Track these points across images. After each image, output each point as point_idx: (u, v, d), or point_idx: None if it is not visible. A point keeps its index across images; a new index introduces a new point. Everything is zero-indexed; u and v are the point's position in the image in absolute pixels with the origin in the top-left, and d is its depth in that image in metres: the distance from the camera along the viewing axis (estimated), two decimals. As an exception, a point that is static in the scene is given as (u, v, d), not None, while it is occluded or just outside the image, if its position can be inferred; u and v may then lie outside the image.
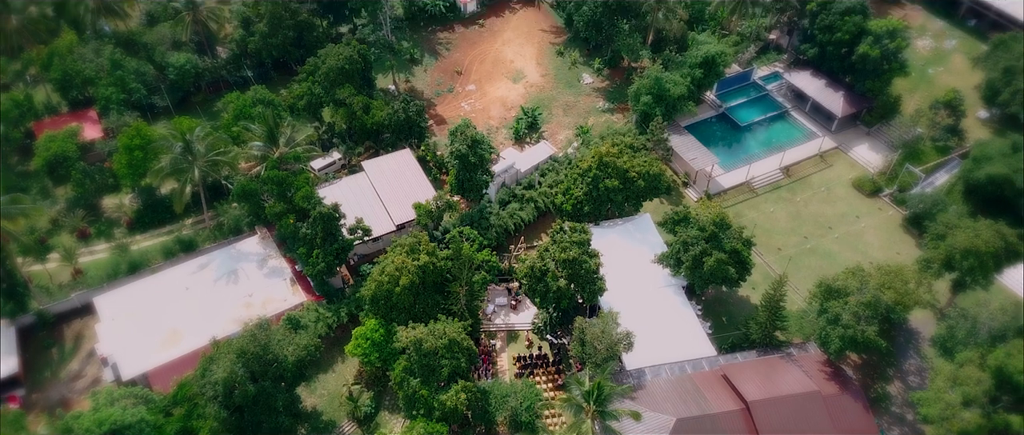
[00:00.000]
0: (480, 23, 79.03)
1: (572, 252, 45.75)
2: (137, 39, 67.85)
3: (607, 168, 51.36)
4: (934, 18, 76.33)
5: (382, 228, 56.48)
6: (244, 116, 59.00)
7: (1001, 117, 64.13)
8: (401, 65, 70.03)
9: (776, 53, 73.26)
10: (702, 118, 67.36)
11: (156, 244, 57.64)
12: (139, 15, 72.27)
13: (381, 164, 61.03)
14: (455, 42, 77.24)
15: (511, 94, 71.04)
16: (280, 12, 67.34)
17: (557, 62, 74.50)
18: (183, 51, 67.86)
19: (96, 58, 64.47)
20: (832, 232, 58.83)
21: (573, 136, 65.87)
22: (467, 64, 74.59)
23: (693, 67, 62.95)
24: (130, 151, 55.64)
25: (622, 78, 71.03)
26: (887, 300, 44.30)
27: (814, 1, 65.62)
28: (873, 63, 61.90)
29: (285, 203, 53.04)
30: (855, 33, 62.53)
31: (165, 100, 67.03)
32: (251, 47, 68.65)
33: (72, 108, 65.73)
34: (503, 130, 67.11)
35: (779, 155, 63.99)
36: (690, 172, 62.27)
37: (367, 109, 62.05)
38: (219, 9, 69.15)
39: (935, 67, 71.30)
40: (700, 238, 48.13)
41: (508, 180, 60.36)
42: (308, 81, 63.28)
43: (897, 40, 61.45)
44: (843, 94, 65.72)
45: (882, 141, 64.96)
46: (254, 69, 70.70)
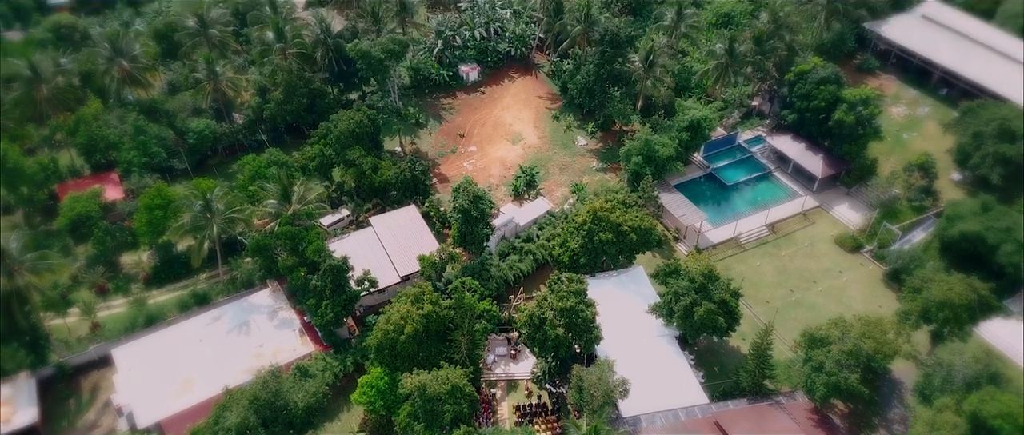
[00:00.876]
0: (481, 90, 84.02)
1: (569, 301, 48.45)
2: (159, 106, 72.09)
3: (601, 222, 54.69)
4: (907, 87, 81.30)
5: (388, 280, 59.24)
6: (260, 176, 62.59)
7: (973, 179, 67.88)
8: (407, 129, 74.36)
9: (759, 118, 78.03)
10: (691, 177, 71.29)
11: (172, 298, 60.16)
12: (161, 84, 76.75)
13: (387, 220, 64.28)
14: (458, 108, 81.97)
15: (510, 155, 75.13)
16: (295, 81, 72.06)
17: (553, 125, 79.00)
18: (202, 117, 72.07)
19: (120, 124, 68.48)
20: (816, 286, 61.75)
21: (569, 193, 69.51)
22: (469, 127, 79.05)
23: (680, 130, 67.33)
24: (151, 210, 58.87)
25: (614, 140, 75.34)
26: (867, 349, 46.86)
27: (792, 71, 70.75)
28: (849, 128, 66.31)
29: (297, 257, 55.92)
30: (831, 101, 67.25)
31: (184, 162, 70.68)
32: (266, 113, 72.94)
33: (94, 171, 69.31)
34: (503, 187, 70.80)
35: (764, 213, 67.58)
36: (680, 228, 65.67)
37: (375, 169, 65.87)
38: (237, 79, 73.74)
39: (909, 132, 75.84)
40: (690, 289, 50.98)
41: (508, 234, 63.58)
42: (320, 143, 67.30)
43: (870, 107, 66.12)
44: (822, 157, 69.90)
45: (861, 201, 68.60)
46: (268, 133, 74.80)
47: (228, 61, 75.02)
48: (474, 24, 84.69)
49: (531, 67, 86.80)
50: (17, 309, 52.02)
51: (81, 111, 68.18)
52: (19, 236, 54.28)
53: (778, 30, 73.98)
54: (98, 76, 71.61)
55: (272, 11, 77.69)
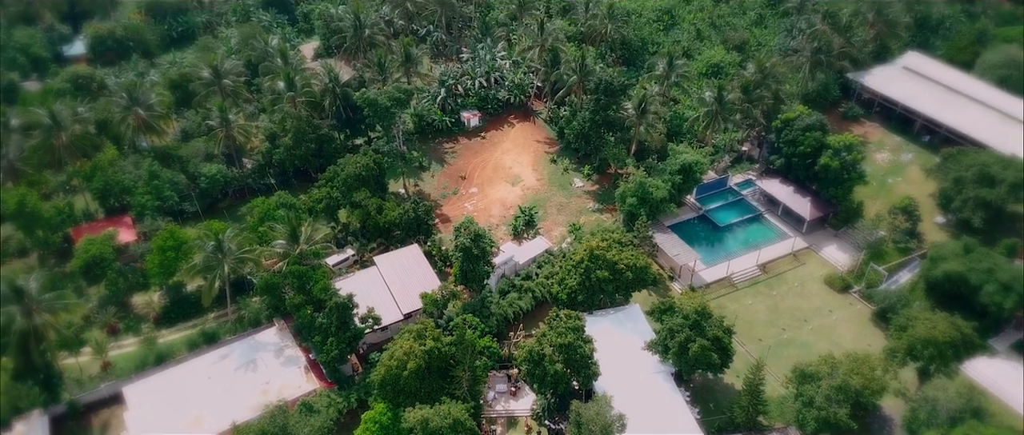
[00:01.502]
0: (482, 135, 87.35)
1: (568, 337, 50.29)
2: (172, 152, 74.86)
3: (598, 260, 56.94)
4: (891, 134, 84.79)
5: (391, 317, 61.03)
6: (268, 218, 64.96)
7: (956, 222, 70.42)
8: (411, 171, 77.28)
9: (749, 162, 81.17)
10: (684, 219, 73.87)
11: (181, 337, 61.82)
12: (175, 131, 79.79)
13: (391, 259, 66.42)
14: (459, 151, 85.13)
15: (510, 196, 77.86)
16: (304, 127, 75.23)
17: (551, 168, 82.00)
18: (214, 162, 74.89)
19: (135, 170, 71.23)
20: (807, 324, 63.63)
21: (567, 232, 71.93)
22: (470, 170, 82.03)
23: (673, 174, 70.26)
24: (163, 251, 60.95)
25: (610, 182, 78.21)
26: (856, 384, 48.61)
27: (778, 119, 74.18)
28: (834, 173, 69.25)
29: (304, 295, 57.82)
30: (816, 146, 70.36)
31: (194, 206, 73.09)
32: (276, 158, 75.83)
33: (108, 215, 71.61)
34: (503, 227, 73.21)
35: (756, 253, 69.92)
36: (675, 267, 67.88)
37: (380, 209, 68.37)
38: (248, 126, 76.82)
39: (894, 177, 78.88)
40: (685, 326, 52.89)
41: (507, 272, 65.68)
42: (327, 186, 69.98)
43: (854, 153, 69.20)
44: (810, 200, 72.65)
45: (849, 242, 70.99)
46: (277, 177, 77.51)
47: (240, 109, 78.27)
48: (475, 74, 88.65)
49: (530, 113, 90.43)
50: (33, 347, 53.64)
51: (98, 158, 70.87)
52: (38, 276, 56.26)
53: (764, 80, 77.78)
54: (114, 124, 74.54)
55: (283, 62, 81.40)
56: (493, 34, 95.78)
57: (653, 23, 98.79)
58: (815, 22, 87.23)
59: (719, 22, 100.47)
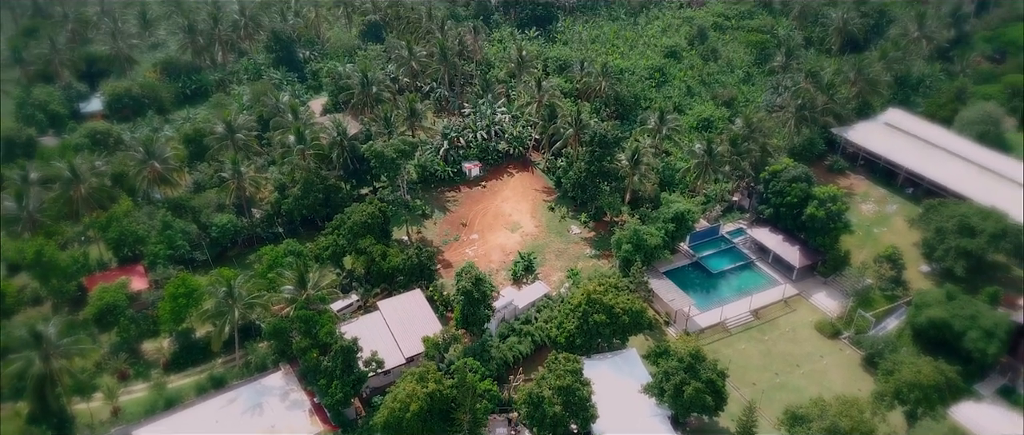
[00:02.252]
0: (483, 184, 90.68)
1: (566, 380, 52.06)
2: (185, 203, 77.61)
3: (595, 304, 59.15)
4: (876, 186, 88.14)
5: (393, 361, 62.67)
6: (277, 265, 67.30)
7: (940, 271, 72.78)
8: (414, 219, 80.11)
9: (739, 212, 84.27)
10: (678, 265, 76.36)
11: (189, 382, 63.29)
12: (187, 183, 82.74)
13: (394, 303, 68.45)
14: (461, 200, 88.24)
15: (509, 242, 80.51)
16: (312, 178, 78.39)
17: (549, 216, 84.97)
18: (225, 212, 77.63)
19: (149, 220, 73.88)
20: (799, 369, 65.35)
21: (565, 278, 74.23)
22: (471, 217, 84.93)
23: (666, 222, 73.17)
24: (175, 299, 62.92)
25: (605, 229, 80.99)
26: (844, 426, 50.16)
27: (766, 171, 77.66)
28: (820, 222, 72.19)
29: (310, 339, 59.70)
30: (802, 197, 73.53)
31: (205, 254, 75.39)
32: (284, 208, 78.62)
33: (121, 263, 73.74)
34: (503, 272, 75.54)
35: (748, 299, 72.13)
36: (670, 312, 69.98)
37: (384, 256, 70.89)
38: (258, 177, 79.95)
39: (879, 227, 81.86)
40: (679, 368, 54.71)
41: (507, 316, 67.68)
42: (334, 234, 72.66)
43: (838, 204, 72.34)
44: (799, 248, 75.35)
45: (837, 290, 73.23)
46: (285, 226, 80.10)
47: (251, 162, 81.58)
48: (476, 127, 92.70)
49: (528, 164, 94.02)
50: (49, 392, 55.07)
51: (113, 209, 73.55)
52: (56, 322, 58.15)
53: (752, 134, 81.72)
54: (130, 177, 77.56)
55: (294, 117, 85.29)
56: (493, 90, 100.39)
57: (645, 80, 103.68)
58: (799, 80, 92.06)
59: (709, 79, 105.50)
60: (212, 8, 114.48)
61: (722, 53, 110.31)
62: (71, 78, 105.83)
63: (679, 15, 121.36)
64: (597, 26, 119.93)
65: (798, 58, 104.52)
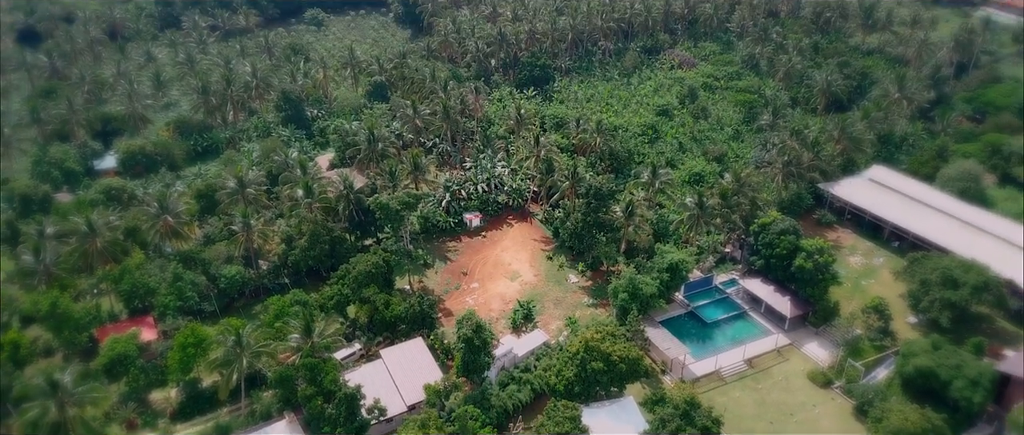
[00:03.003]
0: (483, 234, 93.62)
1: (564, 427, 53.59)
2: (196, 256, 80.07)
3: (593, 352, 61.08)
4: (863, 239, 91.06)
5: (395, 409, 63.97)
6: (283, 315, 69.34)
7: (927, 322, 74.75)
8: (416, 269, 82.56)
9: (732, 263, 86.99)
10: (673, 315, 78.46)
11: (196, 431, 64.39)
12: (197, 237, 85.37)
13: (396, 352, 70.16)
14: (462, 250, 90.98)
15: (509, 291, 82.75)
16: (319, 230, 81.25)
17: (548, 265, 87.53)
18: (234, 264, 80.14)
19: (160, 273, 76.23)
20: (793, 418, 66.67)
21: (563, 326, 76.18)
22: (471, 267, 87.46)
23: (661, 271, 75.73)
24: (184, 348, 64.68)
25: (602, 279, 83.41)
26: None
27: (756, 223, 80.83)
28: (809, 274, 74.75)
29: (315, 386, 61.23)
30: (791, 249, 76.36)
31: (213, 305, 77.29)
32: (291, 259, 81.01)
33: (131, 315, 75.64)
34: (502, 320, 77.51)
35: (742, 348, 73.92)
36: (666, 361, 71.71)
37: (387, 305, 73.05)
38: (266, 230, 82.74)
39: (867, 279, 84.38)
40: (675, 416, 56.29)
41: (507, 364, 69.30)
42: (338, 284, 74.98)
43: (825, 255, 75.16)
44: (790, 298, 77.66)
45: (828, 339, 75.10)
46: (291, 276, 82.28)
47: (260, 215, 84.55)
48: (477, 180, 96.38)
49: (527, 215, 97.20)
50: (62, 441, 56.37)
51: (126, 262, 76.02)
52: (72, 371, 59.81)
53: (741, 188, 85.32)
54: (143, 231, 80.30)
55: (302, 172, 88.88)
56: (493, 145, 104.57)
57: (638, 137, 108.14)
58: (785, 138, 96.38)
59: (699, 136, 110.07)
60: (225, 70, 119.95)
61: (712, 112, 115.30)
62: (86, 137, 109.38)
63: (670, 76, 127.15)
64: (592, 86, 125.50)
65: (785, 117, 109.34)
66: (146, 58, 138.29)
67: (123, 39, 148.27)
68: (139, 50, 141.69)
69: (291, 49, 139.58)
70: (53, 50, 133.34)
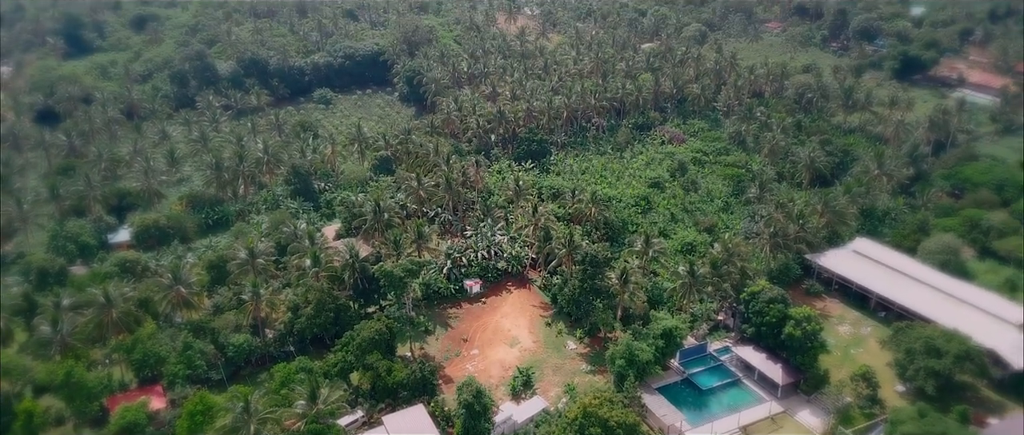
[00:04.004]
0: (483, 301, 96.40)
1: (563, 490, 55.00)
2: (205, 325, 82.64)
3: (591, 418, 62.91)
4: (850, 309, 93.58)
5: (397, 475, 65.11)
6: (289, 382, 71.39)
7: (914, 390, 76.55)
8: (417, 335, 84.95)
9: (725, 331, 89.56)
10: (670, 382, 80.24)
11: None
12: (207, 306, 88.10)
13: (398, 419, 71.65)
14: (462, 316, 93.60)
15: (508, 357, 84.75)
16: (325, 299, 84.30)
17: (546, 331, 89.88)
18: (242, 333, 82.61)
19: (171, 342, 78.62)
20: (790, 485, 67.79)
21: (562, 393, 77.81)
22: (471, 333, 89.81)
23: (656, 338, 78.30)
24: (192, 416, 66.48)
25: (600, 345, 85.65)
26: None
27: (746, 291, 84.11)
28: (798, 341, 77.32)
29: (320, 451, 62.82)
30: (780, 317, 79.29)
31: (220, 374, 79.20)
32: (297, 327, 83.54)
33: (141, 384, 77.51)
34: (502, 387, 79.17)
35: (736, 416, 75.43)
36: (663, 427, 73.17)
37: (390, 371, 75.23)
38: (274, 299, 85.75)
39: (856, 348, 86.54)
40: (670, 480, 57.73)
41: (507, 431, 70.68)
42: (343, 351, 77.32)
43: (812, 324, 78.02)
44: (781, 366, 79.74)
45: (820, 407, 76.70)
46: (296, 344, 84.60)
47: (268, 284, 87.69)
48: (477, 247, 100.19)
49: (526, 282, 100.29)
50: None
51: (139, 332, 78.59)
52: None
53: (730, 258, 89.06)
54: (155, 301, 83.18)
55: (310, 243, 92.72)
56: (493, 215, 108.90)
57: (632, 207, 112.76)
58: (772, 211, 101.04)
59: (690, 208, 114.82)
60: (237, 147, 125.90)
61: (702, 185, 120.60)
62: (102, 212, 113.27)
63: (661, 150, 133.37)
64: (586, 159, 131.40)
65: (771, 191, 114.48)
66: (161, 136, 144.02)
67: (139, 118, 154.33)
68: (154, 129, 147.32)
69: (301, 126, 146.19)
70: (71, 129, 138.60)
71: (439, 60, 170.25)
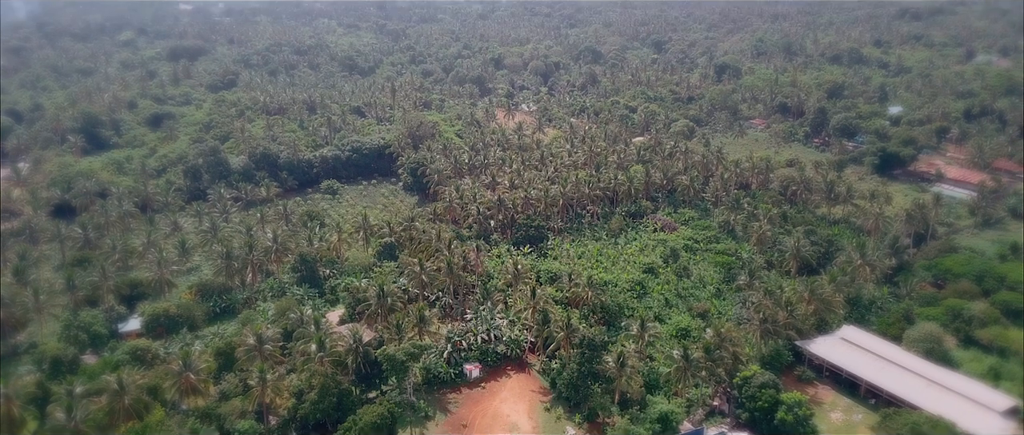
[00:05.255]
0: (482, 386, 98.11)
1: None
2: (211, 412, 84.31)
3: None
4: (841, 396, 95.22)
5: None
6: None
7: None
8: (417, 421, 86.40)
9: (720, 417, 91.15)
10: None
11: None
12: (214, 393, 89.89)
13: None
14: (462, 401, 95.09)
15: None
16: (329, 383, 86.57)
17: (545, 417, 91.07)
18: (247, 419, 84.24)
19: (179, 429, 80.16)
20: None
21: (562, 479, 78.91)
22: (471, 418, 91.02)
23: (652, 422, 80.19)
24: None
25: (599, 431, 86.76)
26: None
27: (738, 376, 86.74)
28: (790, 426, 79.45)
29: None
30: (772, 402, 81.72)
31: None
32: (300, 413, 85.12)
33: (145, 472, 78.47)
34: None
35: (735, 501, 76.51)
36: (659, 514, 73.91)
37: (391, 455, 76.62)
38: (278, 384, 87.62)
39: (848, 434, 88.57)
40: None
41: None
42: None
43: (803, 409, 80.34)
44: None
45: (818, 492, 78.14)
46: (299, 430, 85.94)
47: (273, 370, 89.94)
48: (477, 330, 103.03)
49: (525, 366, 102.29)
50: None
51: (148, 418, 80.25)
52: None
53: (722, 343, 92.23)
54: (163, 389, 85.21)
55: (315, 328, 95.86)
56: (492, 298, 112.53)
57: (627, 292, 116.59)
58: (761, 297, 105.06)
59: (684, 293, 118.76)
60: (247, 237, 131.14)
61: (693, 271, 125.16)
62: (114, 301, 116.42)
63: (654, 237, 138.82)
64: (583, 245, 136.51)
65: (760, 278, 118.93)
66: (173, 227, 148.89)
67: (152, 211, 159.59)
68: (167, 221, 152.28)
69: (308, 216, 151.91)
70: (87, 222, 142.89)
71: (442, 152, 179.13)
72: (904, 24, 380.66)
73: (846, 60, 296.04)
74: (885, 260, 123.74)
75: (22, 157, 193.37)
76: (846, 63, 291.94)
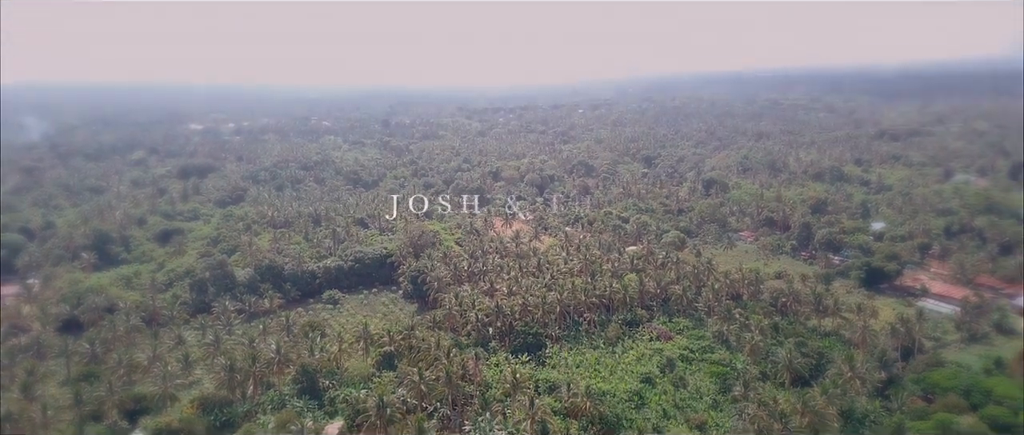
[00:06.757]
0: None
1: None
2: None
3: None
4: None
5: None
6: None
7: None
8: None
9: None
10: None
11: None
12: None
13: None
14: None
15: None
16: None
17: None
18: None
19: None
20: None
21: None
22: None
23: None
24: None
25: None
26: None
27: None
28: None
29: None
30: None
31: None
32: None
33: None
34: None
35: None
36: None
37: None
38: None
39: None
40: None
41: None
42: None
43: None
44: None
45: None
46: None
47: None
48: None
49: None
50: None
51: None
52: None
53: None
54: None
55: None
56: (491, 408, 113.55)
57: (625, 402, 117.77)
58: (755, 409, 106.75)
59: (681, 404, 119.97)
60: (250, 349, 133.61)
61: (690, 381, 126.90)
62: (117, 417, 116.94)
63: (650, 346, 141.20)
64: (581, 353, 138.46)
65: (755, 389, 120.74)
66: (177, 341, 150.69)
67: (158, 325, 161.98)
68: (171, 334, 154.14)
69: (309, 326, 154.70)
70: (94, 337, 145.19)
71: (442, 260, 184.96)
72: (883, 144, 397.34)
73: (828, 177, 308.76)
74: (875, 373, 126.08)
75: (33, 274, 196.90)
76: (828, 180, 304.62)
